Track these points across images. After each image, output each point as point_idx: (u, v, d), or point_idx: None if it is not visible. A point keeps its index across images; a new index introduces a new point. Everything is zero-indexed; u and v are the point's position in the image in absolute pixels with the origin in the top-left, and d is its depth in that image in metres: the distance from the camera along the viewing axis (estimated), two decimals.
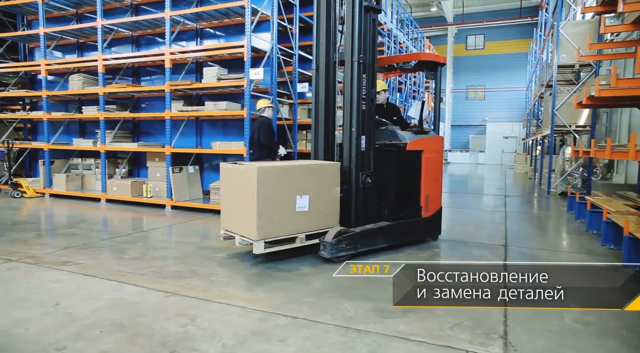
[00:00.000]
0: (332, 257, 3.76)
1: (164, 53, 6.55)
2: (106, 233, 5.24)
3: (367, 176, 4.14)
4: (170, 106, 6.59)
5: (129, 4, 7.70)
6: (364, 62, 4.09)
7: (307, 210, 3.80)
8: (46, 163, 7.80)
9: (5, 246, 4.25)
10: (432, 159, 4.52)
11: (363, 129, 4.12)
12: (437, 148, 4.62)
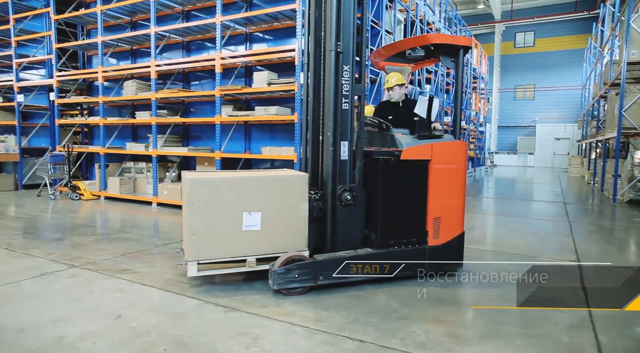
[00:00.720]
0: (281, 289, 3.12)
1: (215, 58, 6.57)
2: (159, 238, 5.27)
3: (345, 191, 3.38)
4: (220, 111, 6.61)
5: (181, 10, 7.82)
6: (342, 51, 3.36)
7: (258, 230, 3.23)
8: (102, 166, 8.05)
9: (68, 251, 4.35)
10: (445, 171, 3.54)
11: (343, 134, 3.39)
12: (455, 157, 3.59)
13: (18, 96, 9.16)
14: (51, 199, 7.89)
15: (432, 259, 3.55)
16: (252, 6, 7.17)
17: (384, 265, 3.41)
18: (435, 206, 3.53)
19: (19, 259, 4.08)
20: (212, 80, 7.71)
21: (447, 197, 3.58)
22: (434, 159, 3.50)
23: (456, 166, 3.61)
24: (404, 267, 3.46)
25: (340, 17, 3.38)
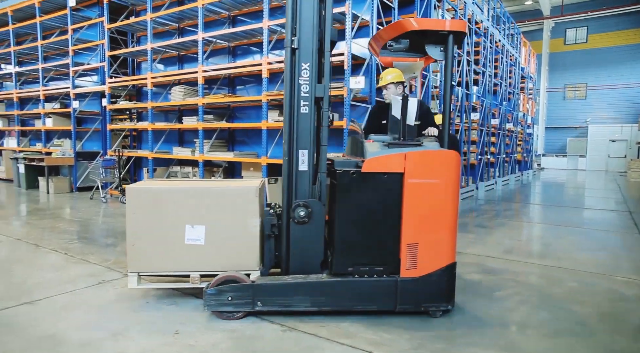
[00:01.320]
0: (215, 311, 2.91)
1: (262, 63, 6.53)
2: None
3: (299, 206, 2.98)
4: (267, 116, 6.57)
5: (227, 15, 7.87)
6: (299, 48, 2.98)
7: (202, 244, 3.02)
8: (150, 170, 8.22)
9: (122, 258, 4.40)
10: (425, 187, 2.88)
11: (301, 141, 3.02)
12: (439, 170, 2.91)
13: (74, 102, 9.53)
14: (102, 203, 8.13)
15: (405, 294, 2.91)
16: None
17: (339, 296, 2.91)
18: (410, 229, 2.89)
19: (77, 265, 4.16)
20: (258, 85, 7.72)
21: (428, 219, 2.91)
22: (409, 171, 2.88)
23: (441, 181, 2.91)
24: (367, 301, 2.92)
25: (297, 8, 3.01)
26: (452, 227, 2.97)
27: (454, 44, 3.10)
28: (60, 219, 6.53)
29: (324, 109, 3.02)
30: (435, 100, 8.67)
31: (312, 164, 3.05)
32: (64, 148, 10.21)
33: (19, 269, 4.03)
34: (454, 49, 3.04)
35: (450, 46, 3.06)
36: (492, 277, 4.02)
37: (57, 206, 7.72)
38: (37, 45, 10.39)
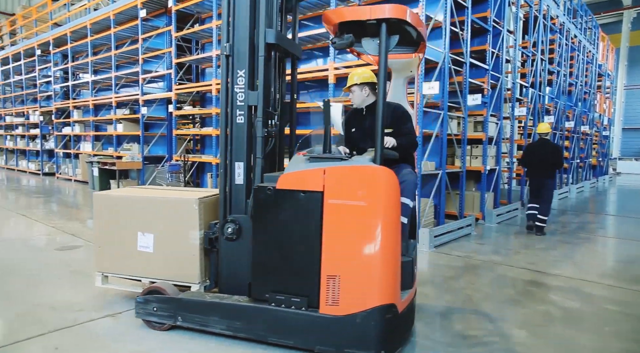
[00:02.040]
0: (143, 319, 2.90)
1: (328, 68, 6.37)
2: None
3: (228, 222, 2.85)
4: None
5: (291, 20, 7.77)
6: (232, 54, 2.84)
7: (151, 252, 3.09)
8: (213, 176, 8.34)
9: None
10: (348, 209, 2.42)
11: (237, 153, 2.87)
12: (366, 190, 2.42)
13: (142, 108, 9.91)
14: None
15: (325, 333, 2.44)
16: None
17: (254, 324, 2.61)
18: (330, 259, 2.44)
19: None
20: (319, 90, 7.58)
21: (351, 248, 2.42)
22: (329, 190, 2.44)
23: (368, 203, 2.40)
24: (284, 334, 2.55)
25: (231, 12, 2.86)
26: (384, 261, 2.40)
27: (389, 35, 2.50)
28: None
29: (258, 118, 2.81)
30: (509, 102, 8.09)
31: (248, 177, 2.89)
32: (133, 152, 10.66)
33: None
34: (389, 41, 2.50)
35: (383, 37, 2.47)
36: (591, 307, 3.58)
37: None
38: (110, 55, 10.93)
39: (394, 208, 2.45)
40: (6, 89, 17.77)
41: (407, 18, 2.45)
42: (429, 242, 5.36)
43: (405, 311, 2.59)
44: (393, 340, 2.48)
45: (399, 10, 2.43)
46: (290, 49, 3.17)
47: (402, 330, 2.61)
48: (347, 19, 2.56)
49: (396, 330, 2.49)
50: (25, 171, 15.68)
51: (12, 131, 16.91)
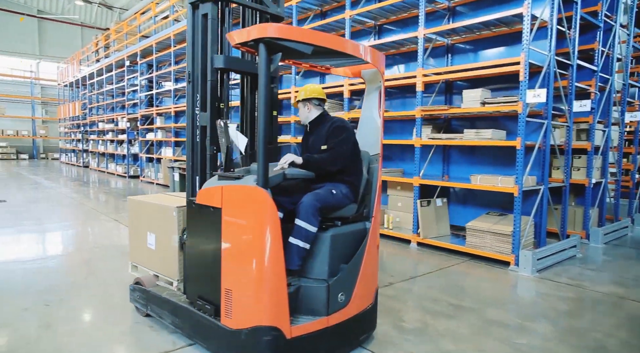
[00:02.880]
0: (134, 304, 3.48)
1: (416, 75, 6.01)
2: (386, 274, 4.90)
3: (184, 230, 3.16)
4: (420, 133, 6.03)
5: (373, 25, 7.52)
6: (192, 80, 3.12)
7: (154, 249, 3.53)
8: None
9: None
10: (237, 227, 2.52)
11: (195, 168, 3.12)
12: (246, 209, 2.50)
13: None
14: None
15: (225, 343, 2.60)
16: (455, 14, 6.42)
17: (185, 323, 2.91)
18: (226, 274, 2.61)
19: None
20: (404, 97, 7.23)
21: (239, 265, 2.54)
22: (225, 208, 2.60)
23: (248, 223, 2.50)
24: (202, 337, 2.79)
25: (189, 40, 3.15)
26: (260, 280, 2.45)
27: (269, 54, 2.42)
28: None
29: (207, 138, 3.05)
30: (617, 106, 7.20)
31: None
32: None
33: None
34: (269, 61, 2.43)
35: (262, 57, 2.39)
36: None
37: None
38: None
39: (267, 228, 2.43)
40: (99, 98, 19.25)
41: (277, 35, 2.34)
42: (531, 266, 4.83)
43: (308, 339, 2.56)
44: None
45: (268, 29, 2.36)
46: (250, 70, 3.30)
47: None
48: (234, 42, 2.57)
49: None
50: (114, 174, 16.85)
51: (104, 136, 18.27)
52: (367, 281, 2.95)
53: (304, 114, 3.17)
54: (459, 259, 5.44)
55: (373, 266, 3.03)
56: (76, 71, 22.04)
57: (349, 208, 2.94)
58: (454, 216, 6.44)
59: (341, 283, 2.74)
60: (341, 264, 2.79)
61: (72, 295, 3.93)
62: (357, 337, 2.94)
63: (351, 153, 2.97)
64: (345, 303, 2.77)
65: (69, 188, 12.35)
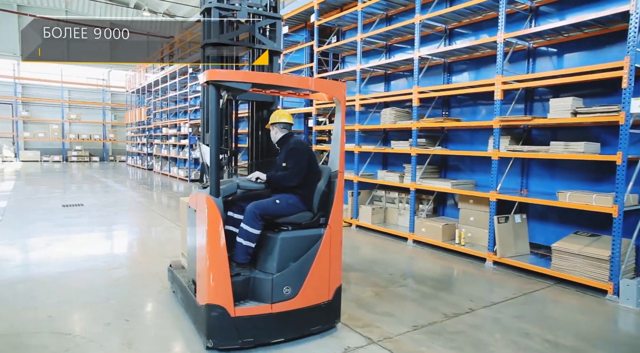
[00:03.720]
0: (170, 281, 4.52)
1: (494, 82, 5.59)
2: (443, 301, 4.46)
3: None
4: (498, 144, 5.60)
5: (443, 29, 7.15)
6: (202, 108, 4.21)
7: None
8: (354, 194, 8.07)
9: (354, 310, 4.06)
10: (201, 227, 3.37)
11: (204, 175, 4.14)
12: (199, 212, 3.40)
13: None
14: None
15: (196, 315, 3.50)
16: (539, 15, 5.93)
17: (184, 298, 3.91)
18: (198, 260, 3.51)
19: None
20: (474, 105, 6.80)
21: (200, 255, 3.41)
22: (197, 210, 3.47)
23: (201, 222, 3.35)
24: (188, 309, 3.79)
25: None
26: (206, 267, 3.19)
27: (218, 91, 3.19)
28: None
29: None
30: None
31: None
32: None
33: None
34: (218, 96, 3.23)
35: (212, 93, 3.20)
36: None
37: None
38: None
39: (211, 227, 3.14)
40: (163, 104, 20.10)
41: (218, 78, 3.10)
42: (635, 297, 4.28)
43: (252, 319, 3.17)
44: (223, 336, 3.11)
45: (211, 74, 3.11)
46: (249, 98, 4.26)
47: (242, 331, 3.14)
48: (199, 82, 3.50)
49: (227, 329, 3.11)
50: (176, 177, 17.47)
51: (167, 141, 19.03)
52: (320, 280, 3.42)
53: (272, 135, 3.77)
54: (543, 283, 4.97)
55: (333, 267, 3.49)
56: (142, 79, 23.19)
57: (301, 215, 3.46)
58: (534, 233, 5.93)
59: (287, 278, 3.27)
60: (290, 262, 3.31)
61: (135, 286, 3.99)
62: (308, 327, 3.40)
63: (301, 170, 3.47)
64: (292, 296, 3.29)
65: (136, 192, 12.91)
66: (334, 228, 3.46)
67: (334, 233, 3.46)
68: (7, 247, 6.06)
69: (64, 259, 5.56)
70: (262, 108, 4.35)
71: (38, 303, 4.03)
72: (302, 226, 3.42)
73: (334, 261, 3.49)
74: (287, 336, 3.31)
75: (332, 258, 3.48)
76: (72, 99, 27.95)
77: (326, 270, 3.44)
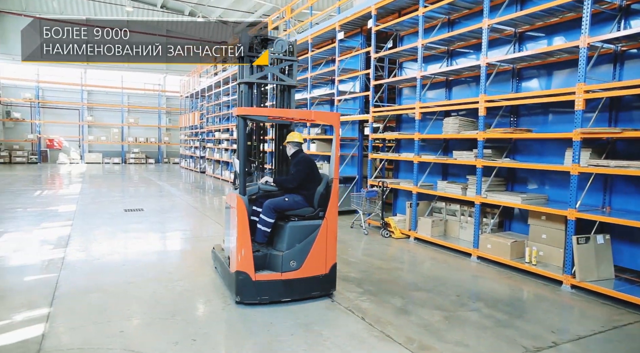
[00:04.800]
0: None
1: (575, 91, 5.14)
2: (521, 331, 4.10)
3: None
4: (578, 159, 5.15)
5: (512, 33, 6.71)
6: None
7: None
8: (413, 205, 7.77)
9: (424, 337, 3.83)
10: (234, 217, 4.62)
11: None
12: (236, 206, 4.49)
13: None
14: (364, 234, 8.11)
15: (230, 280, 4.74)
16: (630, 15, 5.40)
17: (221, 270, 5.34)
18: (230, 242, 4.88)
19: (380, 343, 3.75)
20: (549, 114, 6.32)
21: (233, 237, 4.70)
22: (231, 205, 4.77)
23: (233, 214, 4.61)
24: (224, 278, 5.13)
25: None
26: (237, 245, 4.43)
27: (245, 121, 4.68)
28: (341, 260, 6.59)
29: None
30: None
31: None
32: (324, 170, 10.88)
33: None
34: (245, 125, 4.69)
35: (240, 123, 4.58)
36: None
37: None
38: (307, 76, 11.43)
39: (239, 217, 4.38)
40: (216, 108, 20.60)
41: (244, 113, 4.55)
42: None
43: (268, 283, 4.43)
44: (247, 294, 4.38)
45: (239, 110, 4.54)
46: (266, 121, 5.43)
47: (260, 291, 4.39)
48: (233, 114, 4.86)
49: (250, 289, 4.37)
50: (228, 181, 17.81)
51: (219, 145, 19.47)
52: (318, 257, 4.60)
53: (287, 150, 5.01)
54: (635, 314, 4.48)
55: (329, 249, 4.66)
56: (196, 84, 23.91)
57: (304, 210, 4.70)
58: (619, 256, 5.40)
59: (293, 255, 4.51)
60: (296, 243, 4.54)
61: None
62: (309, 292, 4.62)
63: (305, 176, 4.72)
64: (297, 268, 4.51)
65: (190, 196, 13.25)
66: (329, 220, 4.65)
67: (330, 223, 4.65)
68: (78, 252, 6.33)
69: (130, 267, 5.71)
70: (282, 129, 5.44)
71: (109, 316, 4.11)
72: (305, 218, 4.66)
73: (329, 244, 4.66)
74: (293, 297, 4.54)
75: (328, 241, 4.65)
76: (131, 103, 29.35)
77: (323, 251, 4.62)
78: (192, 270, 5.71)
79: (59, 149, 27.04)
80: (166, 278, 5.33)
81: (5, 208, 9.90)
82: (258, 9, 25.55)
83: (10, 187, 13.87)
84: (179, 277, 5.37)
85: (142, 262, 6.03)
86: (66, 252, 6.28)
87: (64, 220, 8.60)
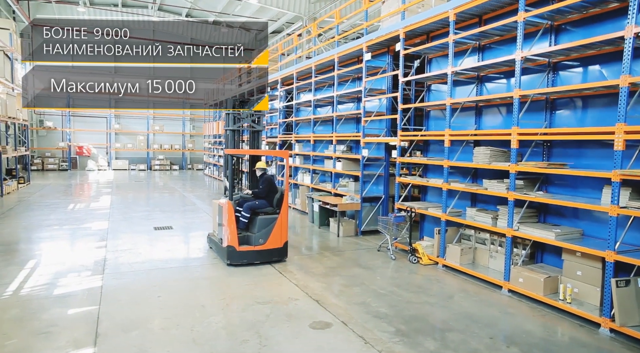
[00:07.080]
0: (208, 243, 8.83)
1: (614, 131, 5.04)
2: None
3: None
4: (617, 200, 5.04)
5: (546, 62, 6.60)
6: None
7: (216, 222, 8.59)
8: (441, 232, 7.73)
9: None
10: (224, 214, 7.60)
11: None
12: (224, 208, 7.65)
13: (363, 150, 10.02)
14: (392, 259, 8.11)
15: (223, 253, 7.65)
16: None
17: (215, 247, 8.25)
18: (222, 228, 7.69)
19: None
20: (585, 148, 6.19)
21: (224, 225, 7.54)
22: (222, 206, 7.78)
23: (224, 212, 7.63)
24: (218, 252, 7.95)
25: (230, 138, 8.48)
26: (227, 230, 7.35)
27: (231, 158, 7.91)
28: (364, 291, 6.61)
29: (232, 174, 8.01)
30: None
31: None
32: (349, 189, 10.95)
33: None
34: (231, 161, 7.88)
35: (228, 159, 7.93)
36: None
37: (353, 261, 8.06)
38: (333, 95, 11.48)
39: (228, 214, 7.26)
40: None
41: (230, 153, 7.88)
42: None
43: (246, 252, 7.37)
44: (234, 259, 7.29)
45: (227, 151, 8.03)
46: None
47: (241, 257, 7.32)
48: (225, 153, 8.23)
49: (236, 256, 7.29)
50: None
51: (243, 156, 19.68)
52: (277, 237, 7.50)
53: (257, 172, 8.00)
54: None
55: (282, 232, 7.56)
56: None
57: (268, 209, 7.56)
58: None
59: (261, 235, 7.38)
60: (263, 229, 7.39)
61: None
62: (270, 258, 7.52)
63: (269, 189, 7.64)
64: (263, 243, 7.40)
65: None
66: (283, 215, 7.54)
67: (283, 217, 7.52)
68: (114, 280, 6.54)
69: (167, 300, 5.86)
70: (256, 160, 8.43)
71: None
72: (268, 213, 7.52)
73: (283, 229, 7.55)
74: (261, 260, 7.45)
75: (282, 228, 7.53)
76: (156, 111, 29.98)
77: (279, 233, 7.50)
78: (226, 303, 5.82)
79: (88, 157, 27.86)
80: (200, 313, 5.46)
81: (42, 224, 10.28)
82: (281, 16, 25.75)
83: (45, 199, 14.38)
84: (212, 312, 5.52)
85: (173, 289, 6.18)
86: (103, 280, 6.50)
87: (98, 240, 8.89)
